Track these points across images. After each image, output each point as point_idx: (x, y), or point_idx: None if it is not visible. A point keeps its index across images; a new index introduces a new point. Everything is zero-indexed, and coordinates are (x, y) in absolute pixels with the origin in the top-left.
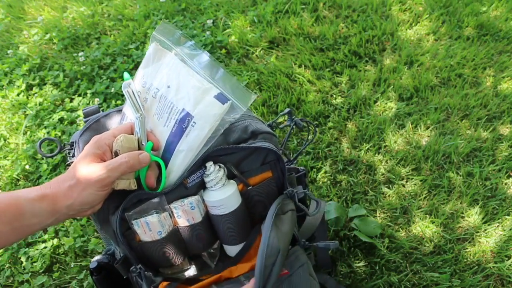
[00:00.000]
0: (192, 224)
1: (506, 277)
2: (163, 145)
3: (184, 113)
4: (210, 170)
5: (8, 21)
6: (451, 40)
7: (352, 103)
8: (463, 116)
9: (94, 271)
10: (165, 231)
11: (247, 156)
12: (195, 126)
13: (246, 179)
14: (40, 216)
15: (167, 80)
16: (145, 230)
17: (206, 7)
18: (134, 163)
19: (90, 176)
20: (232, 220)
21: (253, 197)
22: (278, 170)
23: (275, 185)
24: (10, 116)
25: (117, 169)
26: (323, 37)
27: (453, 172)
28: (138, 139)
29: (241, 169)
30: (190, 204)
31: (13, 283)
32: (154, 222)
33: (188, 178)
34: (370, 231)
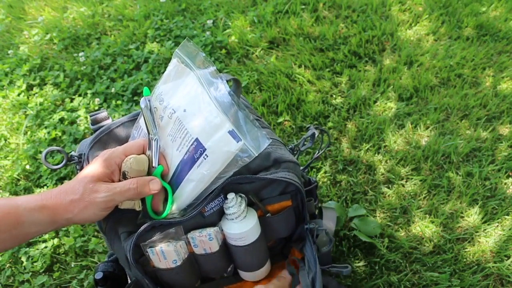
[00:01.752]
0: (209, 253)
1: (505, 277)
2: (173, 170)
3: (197, 143)
4: (232, 202)
5: (9, 21)
6: (450, 40)
7: (352, 103)
8: (463, 116)
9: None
10: (180, 259)
11: (268, 185)
12: (207, 159)
13: (265, 206)
14: (39, 226)
15: (185, 103)
16: (160, 259)
17: (206, 7)
18: (142, 190)
19: (95, 196)
20: (252, 250)
21: (272, 224)
22: (298, 199)
23: (293, 214)
24: (10, 116)
25: (124, 194)
26: (323, 37)
27: (453, 172)
28: (149, 159)
29: (261, 196)
30: (209, 235)
31: (13, 283)
32: (170, 251)
33: (206, 206)
34: (370, 231)
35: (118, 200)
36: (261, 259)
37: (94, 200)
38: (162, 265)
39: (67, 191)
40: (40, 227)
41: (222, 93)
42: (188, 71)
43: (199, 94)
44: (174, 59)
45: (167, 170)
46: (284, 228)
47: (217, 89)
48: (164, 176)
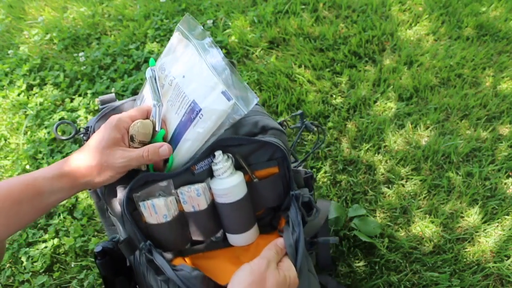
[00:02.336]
0: (197, 211)
1: (505, 277)
2: (172, 132)
3: (194, 104)
4: (218, 158)
5: (9, 21)
6: (450, 40)
7: (352, 103)
8: (463, 116)
9: (98, 255)
10: (170, 215)
11: (255, 150)
12: (202, 118)
13: (253, 172)
14: (59, 193)
15: (184, 70)
16: (151, 213)
17: (206, 7)
18: (153, 158)
19: (113, 161)
20: (237, 209)
21: (259, 190)
22: (285, 167)
23: (281, 182)
24: (10, 116)
25: (139, 160)
26: (323, 37)
27: (453, 172)
28: (153, 124)
29: (249, 161)
30: (196, 190)
31: (13, 283)
32: (161, 205)
33: (196, 165)
34: (370, 231)
35: (133, 166)
36: (247, 220)
37: (113, 165)
38: (153, 219)
39: (84, 157)
40: (60, 194)
41: (216, 59)
42: (187, 42)
43: (196, 62)
44: (176, 33)
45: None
46: (271, 196)
47: (212, 56)
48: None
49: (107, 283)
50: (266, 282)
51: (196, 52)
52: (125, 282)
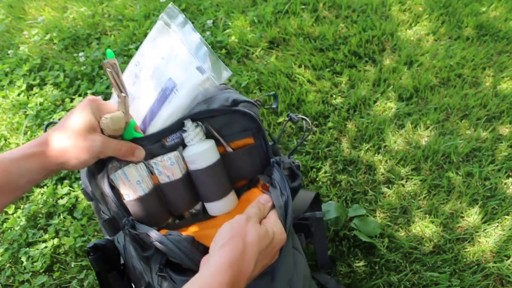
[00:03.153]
0: (172, 181)
1: (505, 277)
2: (147, 111)
3: (170, 81)
4: (187, 125)
5: (9, 21)
6: (450, 40)
7: (352, 103)
8: (463, 116)
9: (91, 251)
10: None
11: (228, 123)
12: (177, 93)
13: (227, 143)
14: (28, 175)
15: (163, 53)
16: (124, 182)
17: (206, 7)
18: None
19: (91, 145)
20: (210, 174)
21: (234, 161)
22: (260, 138)
23: (257, 153)
24: (10, 116)
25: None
26: (323, 37)
27: (453, 172)
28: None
29: (222, 133)
30: (170, 159)
31: (13, 283)
32: (131, 171)
33: (168, 137)
34: (370, 231)
35: (108, 153)
36: (222, 186)
37: (90, 149)
38: (128, 189)
39: (60, 138)
40: (30, 176)
41: (194, 41)
42: (168, 29)
43: (175, 44)
44: (159, 22)
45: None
46: (248, 167)
47: (191, 39)
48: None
49: (101, 278)
50: (247, 236)
51: (176, 37)
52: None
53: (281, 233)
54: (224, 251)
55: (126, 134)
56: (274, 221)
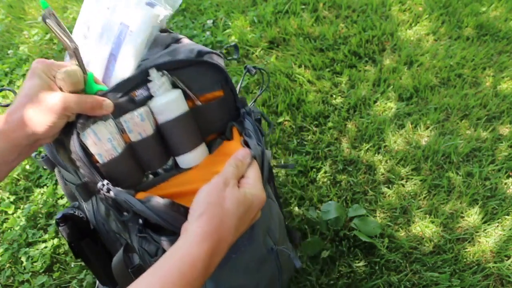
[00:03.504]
0: (144, 138)
1: (505, 277)
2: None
3: (122, 25)
4: (152, 75)
5: (9, 21)
6: (450, 40)
7: (352, 103)
8: (463, 116)
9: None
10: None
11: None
12: (132, 34)
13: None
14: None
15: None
16: (94, 141)
17: (206, 7)
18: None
19: (53, 103)
20: (179, 125)
21: (204, 114)
22: (229, 90)
23: (226, 106)
24: None
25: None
26: (323, 37)
27: (453, 172)
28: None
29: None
30: (140, 115)
31: (13, 283)
32: (100, 128)
33: (136, 91)
34: (370, 231)
35: (73, 109)
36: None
37: (52, 108)
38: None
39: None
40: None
41: None
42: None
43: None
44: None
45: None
46: (218, 119)
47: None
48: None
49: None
50: (225, 203)
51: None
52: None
53: (260, 194)
54: (202, 220)
55: (87, 88)
56: (253, 182)
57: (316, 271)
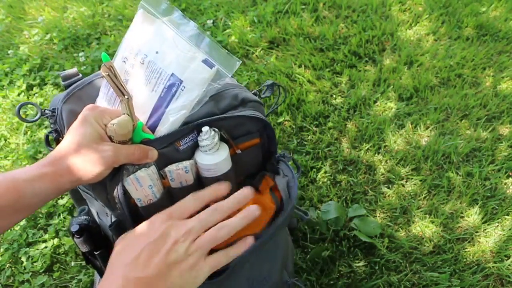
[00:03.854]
0: (184, 186)
1: (505, 277)
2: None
3: (174, 77)
4: (206, 135)
5: (9, 21)
6: (450, 40)
7: (352, 103)
8: (463, 116)
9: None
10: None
11: (238, 125)
12: (185, 90)
13: (236, 145)
14: (41, 195)
15: (156, 46)
16: (136, 187)
17: (206, 7)
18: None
19: (103, 155)
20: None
21: (241, 161)
22: (265, 136)
23: (261, 150)
24: (10, 116)
25: (129, 157)
26: (323, 37)
27: (453, 172)
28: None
29: (232, 135)
30: (185, 168)
31: (13, 283)
32: (143, 176)
33: (181, 141)
34: (370, 231)
35: (122, 161)
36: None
37: (103, 160)
38: (140, 195)
39: (67, 155)
40: (43, 196)
41: (190, 28)
42: (153, 19)
43: (168, 36)
44: (140, 11)
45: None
46: (252, 164)
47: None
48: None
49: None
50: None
51: (166, 26)
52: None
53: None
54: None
55: (135, 136)
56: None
57: (316, 271)
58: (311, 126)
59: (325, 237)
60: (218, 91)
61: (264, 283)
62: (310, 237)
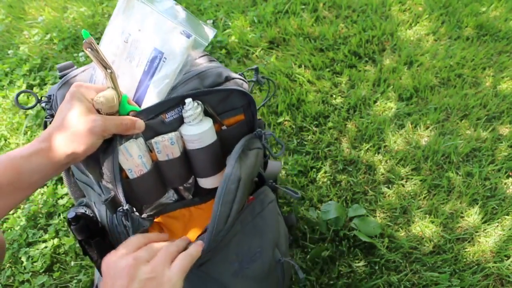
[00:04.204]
0: (171, 159)
1: (505, 277)
2: (136, 84)
3: (156, 51)
4: (189, 106)
5: (9, 22)
6: (450, 40)
7: (352, 103)
8: (463, 116)
9: (73, 221)
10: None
11: (222, 100)
12: (166, 61)
13: (222, 121)
14: (40, 172)
15: (138, 25)
16: (126, 157)
17: (206, 7)
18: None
19: (92, 126)
20: (208, 153)
21: (227, 138)
22: (249, 113)
23: (246, 127)
24: (10, 116)
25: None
26: (323, 37)
27: (453, 172)
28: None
29: (217, 111)
30: (170, 139)
31: (13, 283)
32: (132, 146)
33: (167, 113)
34: (369, 231)
35: (111, 130)
36: (217, 164)
37: (93, 130)
38: (130, 165)
39: (58, 129)
40: (42, 173)
41: (167, 6)
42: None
43: (148, 13)
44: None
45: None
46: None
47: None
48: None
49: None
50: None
51: (146, 5)
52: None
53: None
54: None
55: (121, 109)
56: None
57: (316, 271)
58: (311, 126)
59: (325, 237)
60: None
61: (254, 259)
62: (310, 237)
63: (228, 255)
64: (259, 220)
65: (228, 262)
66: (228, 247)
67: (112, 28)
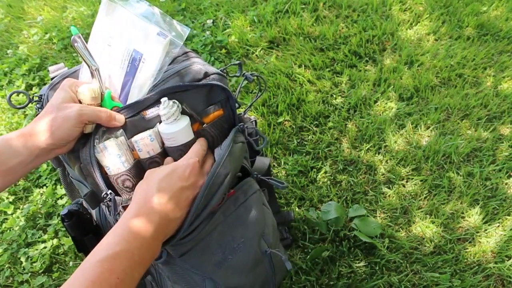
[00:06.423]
0: (152, 156)
1: (506, 277)
2: (120, 84)
3: (135, 52)
4: (164, 104)
5: (8, 21)
6: (451, 40)
7: (352, 103)
8: (463, 116)
9: (66, 218)
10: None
11: (201, 97)
12: (145, 62)
13: (201, 118)
14: (20, 155)
15: (118, 28)
16: (105, 154)
17: (206, 7)
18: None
19: (69, 110)
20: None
21: (208, 134)
22: (229, 108)
23: (226, 123)
24: (9, 116)
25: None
26: (323, 37)
27: (454, 172)
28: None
29: (195, 109)
30: (150, 136)
31: (12, 283)
32: (112, 145)
33: (147, 110)
34: (370, 231)
35: (89, 116)
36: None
37: (69, 115)
38: (108, 162)
39: (40, 117)
40: (21, 156)
41: (144, 9)
42: (114, 6)
43: (126, 17)
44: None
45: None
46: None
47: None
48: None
49: (77, 242)
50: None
51: (124, 10)
52: (93, 239)
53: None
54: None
55: (104, 104)
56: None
57: (316, 271)
58: (311, 126)
59: (325, 237)
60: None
61: (237, 249)
62: (310, 237)
63: (210, 245)
64: (243, 210)
65: (210, 252)
66: (210, 236)
67: (96, 31)
